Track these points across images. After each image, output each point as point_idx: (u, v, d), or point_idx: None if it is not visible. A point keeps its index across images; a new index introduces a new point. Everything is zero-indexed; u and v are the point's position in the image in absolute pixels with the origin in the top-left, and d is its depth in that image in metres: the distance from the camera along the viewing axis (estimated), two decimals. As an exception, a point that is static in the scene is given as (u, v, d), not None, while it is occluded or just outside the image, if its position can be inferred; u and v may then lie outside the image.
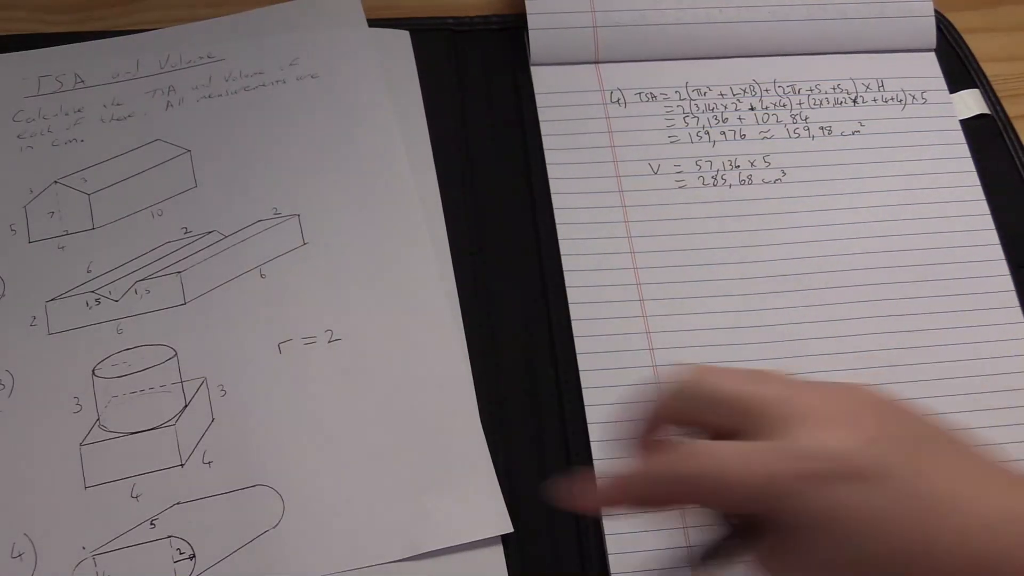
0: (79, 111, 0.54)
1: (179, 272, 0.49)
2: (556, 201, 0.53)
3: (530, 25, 0.56)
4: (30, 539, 0.43)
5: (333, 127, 0.53)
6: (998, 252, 0.53)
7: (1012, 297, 0.51)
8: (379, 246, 0.50)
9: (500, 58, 0.57)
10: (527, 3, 0.57)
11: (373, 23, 0.57)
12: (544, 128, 0.55)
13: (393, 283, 0.49)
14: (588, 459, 0.46)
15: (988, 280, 0.52)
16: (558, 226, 0.52)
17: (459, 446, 0.46)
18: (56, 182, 0.51)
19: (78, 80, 0.55)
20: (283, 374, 0.47)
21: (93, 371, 0.47)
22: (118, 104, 0.54)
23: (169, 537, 0.43)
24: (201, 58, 0.56)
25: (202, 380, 0.46)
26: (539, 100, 0.56)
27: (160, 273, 0.49)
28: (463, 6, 0.59)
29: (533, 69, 0.57)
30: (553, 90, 0.56)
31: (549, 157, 0.54)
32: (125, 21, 0.58)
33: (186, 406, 0.46)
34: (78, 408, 0.46)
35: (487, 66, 0.57)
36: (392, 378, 0.47)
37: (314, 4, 0.57)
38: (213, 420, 0.46)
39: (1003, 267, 0.52)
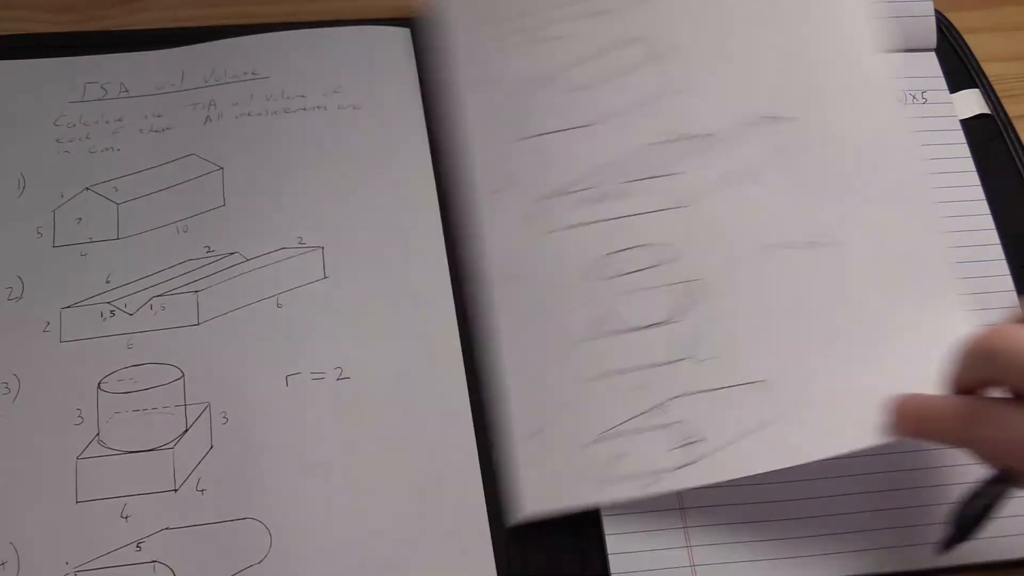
0: (119, 120, 0.54)
1: (196, 292, 0.49)
2: None
3: None
4: (15, 548, 0.43)
5: (367, 161, 0.53)
6: (998, 252, 0.52)
7: (1012, 297, 0.51)
8: (400, 289, 0.50)
9: None
10: None
11: (373, 22, 0.57)
12: None
13: (409, 328, 0.49)
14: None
15: (988, 280, 0.51)
16: None
17: (455, 498, 0.45)
18: (87, 189, 0.52)
19: (123, 89, 0.55)
20: (287, 408, 0.47)
21: (99, 384, 0.47)
22: (158, 116, 0.54)
23: (154, 562, 0.43)
24: (245, 74, 0.56)
25: (205, 405, 0.46)
26: None
27: (177, 291, 0.49)
28: None
29: None
30: None
31: None
32: (125, 21, 0.58)
33: (186, 430, 0.46)
34: (79, 420, 0.46)
35: None
36: (396, 423, 0.46)
37: (365, 32, 0.57)
38: (212, 447, 0.45)
39: (1003, 267, 0.52)
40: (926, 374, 0.43)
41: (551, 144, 0.51)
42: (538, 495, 0.45)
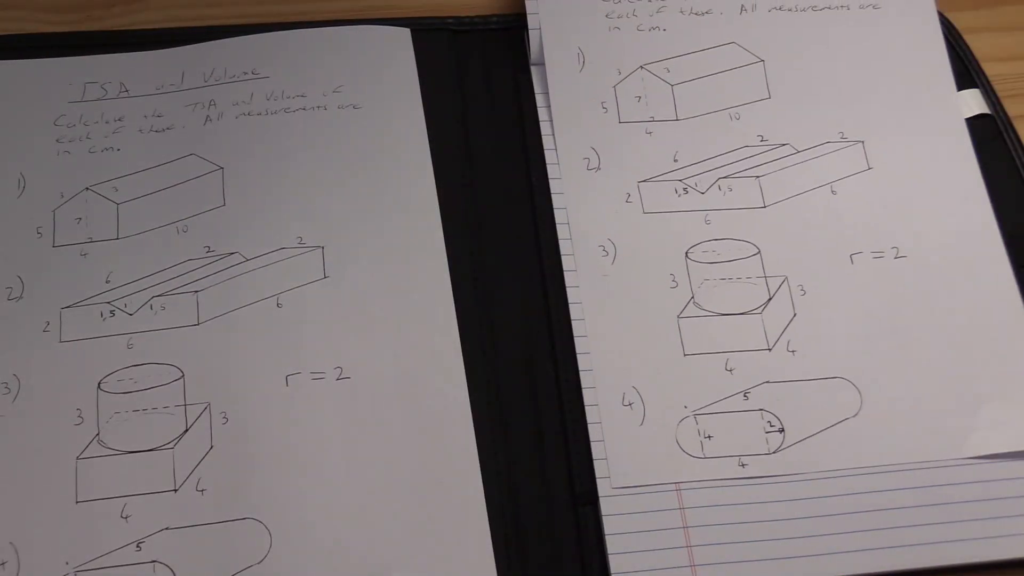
0: (119, 120, 0.54)
1: (196, 292, 0.49)
2: (556, 201, 0.53)
3: (530, 25, 0.57)
4: (15, 548, 0.43)
5: (368, 162, 0.53)
6: (1001, 252, 0.52)
7: (1015, 297, 0.51)
8: (400, 289, 0.50)
9: (500, 58, 0.58)
10: (527, 3, 0.57)
11: (373, 22, 0.58)
12: (544, 128, 0.55)
13: (409, 328, 0.49)
14: (588, 458, 0.47)
15: (991, 281, 0.52)
16: (558, 226, 0.52)
17: (455, 496, 0.45)
18: (87, 189, 0.52)
19: (123, 89, 0.55)
20: (287, 407, 0.47)
21: (99, 384, 0.47)
22: (159, 116, 0.54)
23: (154, 562, 0.43)
24: (245, 73, 0.56)
25: (205, 405, 0.46)
26: (539, 100, 0.56)
27: (177, 291, 0.49)
28: (463, 6, 0.60)
29: (533, 69, 0.57)
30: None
31: (549, 157, 0.54)
32: (125, 21, 0.58)
33: (187, 430, 0.46)
34: (79, 420, 0.46)
35: (487, 66, 0.58)
36: (396, 423, 0.46)
37: (365, 32, 0.57)
38: (212, 447, 0.45)
39: (1006, 268, 0.52)
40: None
41: (651, 131, 0.54)
42: (628, 468, 0.46)
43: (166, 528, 0.44)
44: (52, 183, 0.52)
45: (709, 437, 0.47)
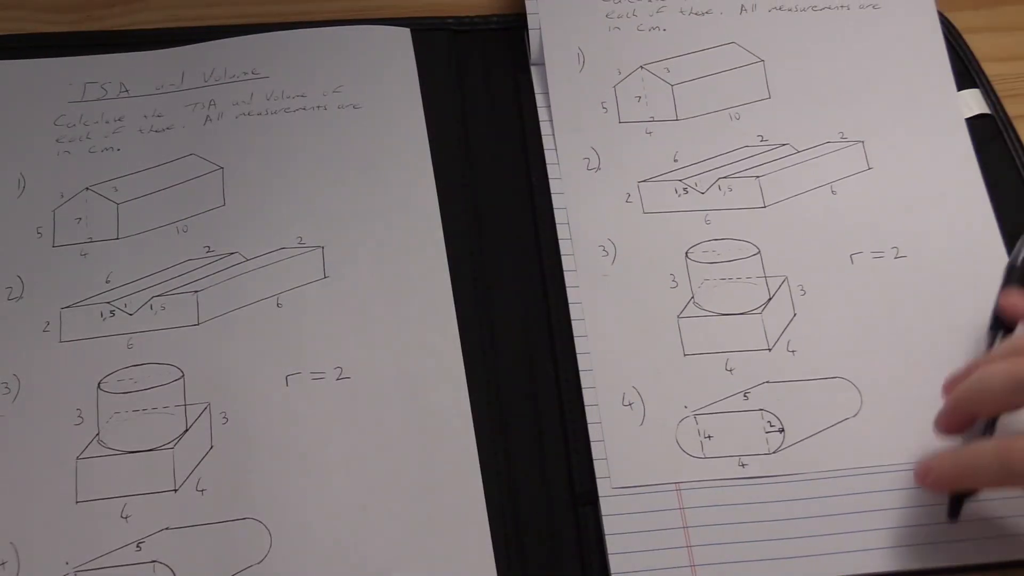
0: (119, 120, 0.54)
1: (196, 292, 0.49)
2: (556, 201, 0.53)
3: (530, 25, 0.57)
4: (15, 548, 0.43)
5: (368, 161, 0.53)
6: (1001, 252, 0.52)
7: None
8: (400, 289, 0.50)
9: (500, 58, 0.58)
10: (527, 3, 0.57)
11: (373, 22, 0.58)
12: (544, 128, 0.55)
13: (409, 328, 0.49)
14: (588, 458, 0.47)
15: (991, 281, 0.51)
16: (558, 226, 0.52)
17: (455, 497, 0.45)
18: (87, 189, 0.52)
19: (123, 89, 0.55)
20: (287, 407, 0.47)
21: (99, 384, 0.47)
22: (159, 116, 0.54)
23: (154, 562, 0.43)
24: (245, 73, 0.56)
25: (205, 405, 0.46)
26: (539, 100, 0.56)
27: (177, 291, 0.49)
28: (463, 6, 0.60)
29: (533, 69, 0.57)
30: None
31: (549, 157, 0.54)
32: (125, 21, 0.59)
33: (187, 430, 0.46)
34: (79, 420, 0.46)
35: (487, 66, 0.58)
36: (396, 423, 0.46)
37: (365, 32, 0.57)
38: (212, 447, 0.46)
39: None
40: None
41: (651, 131, 0.54)
42: (628, 468, 0.46)
43: (166, 528, 0.44)
44: (52, 183, 0.52)
45: (709, 437, 0.47)
